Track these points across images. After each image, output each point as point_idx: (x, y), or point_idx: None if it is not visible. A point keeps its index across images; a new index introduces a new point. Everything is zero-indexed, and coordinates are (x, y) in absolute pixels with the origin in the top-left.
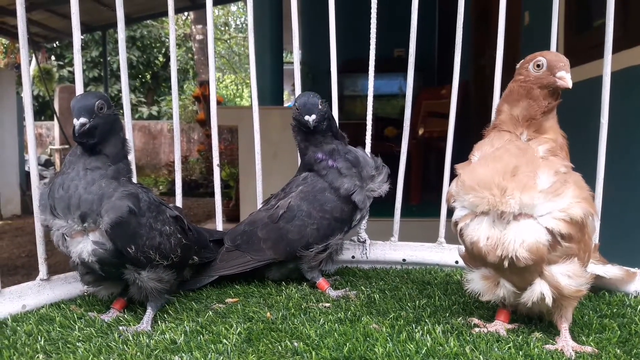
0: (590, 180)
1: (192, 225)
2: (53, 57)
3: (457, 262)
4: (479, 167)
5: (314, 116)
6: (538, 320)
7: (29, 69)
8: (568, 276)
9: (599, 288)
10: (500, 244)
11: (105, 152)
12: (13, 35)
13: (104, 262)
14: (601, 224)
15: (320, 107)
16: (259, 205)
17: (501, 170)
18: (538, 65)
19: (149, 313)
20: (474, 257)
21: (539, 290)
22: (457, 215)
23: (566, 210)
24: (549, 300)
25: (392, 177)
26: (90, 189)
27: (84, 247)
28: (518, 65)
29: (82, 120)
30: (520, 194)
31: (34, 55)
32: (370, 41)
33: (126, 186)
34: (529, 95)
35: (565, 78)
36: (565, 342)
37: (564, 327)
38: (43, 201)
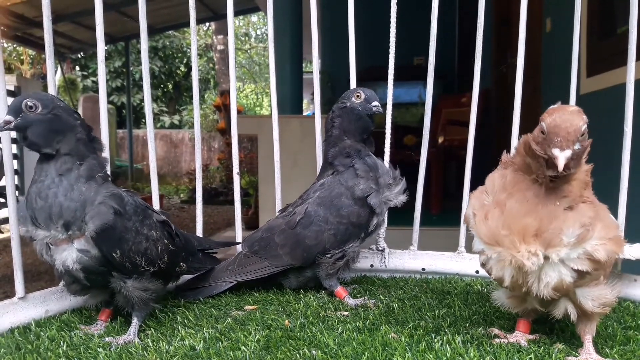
0: (614, 189)
1: (180, 231)
2: (77, 68)
3: (477, 271)
4: (495, 221)
5: (379, 105)
6: (560, 331)
7: (54, 79)
8: (592, 299)
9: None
10: (525, 283)
11: (62, 152)
12: (39, 46)
13: (89, 270)
14: (627, 233)
15: None
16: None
17: (522, 230)
18: (542, 132)
19: (135, 323)
20: (499, 285)
21: (564, 308)
22: (477, 247)
23: (591, 253)
24: (574, 317)
25: (412, 185)
26: (71, 196)
27: (69, 254)
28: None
29: (7, 117)
30: (544, 250)
31: (59, 66)
32: (390, 49)
33: (107, 187)
34: (532, 156)
35: (559, 159)
36: (588, 354)
37: (588, 339)
38: (22, 213)
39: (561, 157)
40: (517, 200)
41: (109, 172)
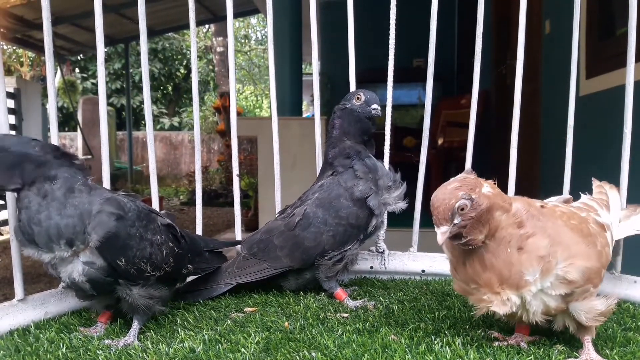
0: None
1: (186, 232)
2: (77, 70)
3: None
4: (463, 278)
5: (378, 107)
6: (560, 332)
7: (54, 81)
8: (585, 312)
9: None
10: (516, 315)
11: (27, 181)
12: (39, 48)
13: (95, 280)
14: (628, 237)
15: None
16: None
17: (488, 283)
18: None
19: (135, 326)
20: None
21: (562, 322)
22: None
23: (565, 277)
24: (573, 329)
25: (411, 187)
26: (65, 213)
27: (74, 267)
28: None
29: None
30: (516, 291)
31: (58, 68)
32: (389, 51)
33: (99, 194)
34: None
35: (437, 235)
36: (588, 355)
37: (587, 340)
38: (19, 237)
39: (438, 233)
40: (473, 258)
41: (89, 178)
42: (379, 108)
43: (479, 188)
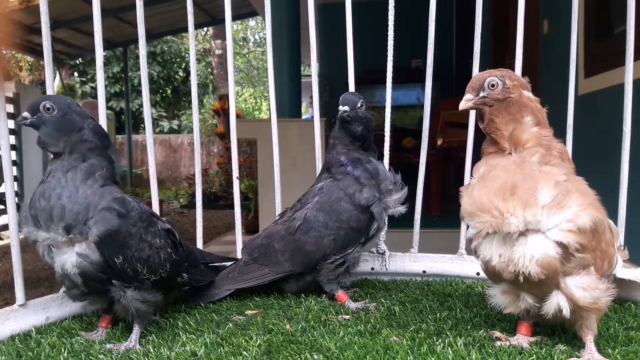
0: (614, 189)
1: (184, 241)
2: (76, 74)
3: (478, 273)
4: (477, 190)
5: (346, 107)
6: (562, 332)
7: (53, 85)
8: (582, 288)
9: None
10: (511, 261)
11: (67, 151)
12: (37, 53)
13: (87, 275)
14: (628, 233)
15: (359, 105)
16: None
17: (500, 190)
18: None
19: (136, 330)
20: (491, 273)
21: (556, 302)
22: (469, 233)
23: (573, 220)
24: (566, 312)
25: (411, 188)
26: (74, 199)
27: (68, 258)
28: None
29: (25, 114)
30: (522, 212)
31: (57, 72)
32: (388, 52)
33: (111, 191)
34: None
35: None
36: (590, 354)
37: (589, 339)
38: (25, 213)
39: (462, 101)
40: (495, 167)
41: (117, 176)
42: (346, 108)
43: (519, 84)
